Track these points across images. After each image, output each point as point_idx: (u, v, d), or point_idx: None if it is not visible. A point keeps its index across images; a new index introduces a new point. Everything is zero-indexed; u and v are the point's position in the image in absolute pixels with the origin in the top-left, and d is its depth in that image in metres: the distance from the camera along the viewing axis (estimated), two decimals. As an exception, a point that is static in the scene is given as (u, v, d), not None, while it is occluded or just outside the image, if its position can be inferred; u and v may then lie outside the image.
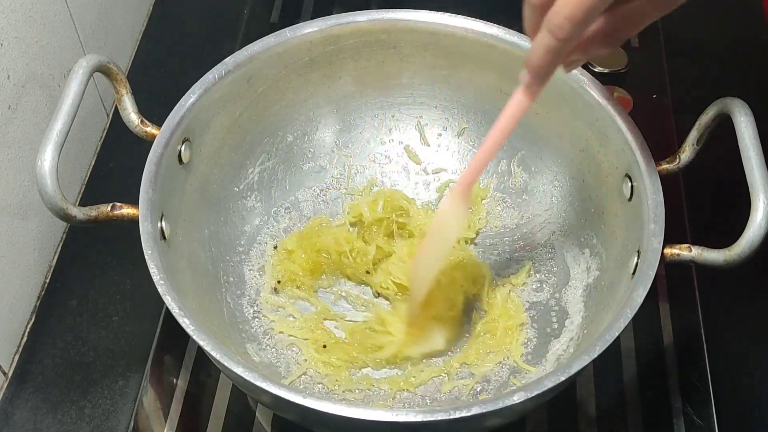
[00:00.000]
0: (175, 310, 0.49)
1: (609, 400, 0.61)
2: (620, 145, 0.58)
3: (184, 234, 0.58)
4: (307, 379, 0.59)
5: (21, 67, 0.62)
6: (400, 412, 0.46)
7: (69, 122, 0.52)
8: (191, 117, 0.58)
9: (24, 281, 0.65)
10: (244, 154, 0.65)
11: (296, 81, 0.65)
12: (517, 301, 0.63)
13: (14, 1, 0.61)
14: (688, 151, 0.56)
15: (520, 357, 0.60)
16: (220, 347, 0.49)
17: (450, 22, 0.63)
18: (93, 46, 0.75)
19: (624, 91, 0.78)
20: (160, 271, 0.51)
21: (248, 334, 0.61)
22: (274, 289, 0.63)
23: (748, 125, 0.52)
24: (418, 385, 0.59)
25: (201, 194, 0.61)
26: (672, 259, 0.53)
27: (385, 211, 0.65)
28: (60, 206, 0.51)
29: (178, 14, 0.88)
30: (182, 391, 0.61)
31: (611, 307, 0.54)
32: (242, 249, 0.65)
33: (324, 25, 0.63)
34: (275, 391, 0.47)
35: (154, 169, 0.55)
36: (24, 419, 0.61)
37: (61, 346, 0.64)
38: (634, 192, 0.56)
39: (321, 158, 0.69)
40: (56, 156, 0.51)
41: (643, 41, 0.82)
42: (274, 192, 0.67)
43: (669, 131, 0.76)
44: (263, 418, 0.61)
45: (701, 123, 0.56)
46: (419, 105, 0.69)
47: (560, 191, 0.66)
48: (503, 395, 0.47)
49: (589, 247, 0.62)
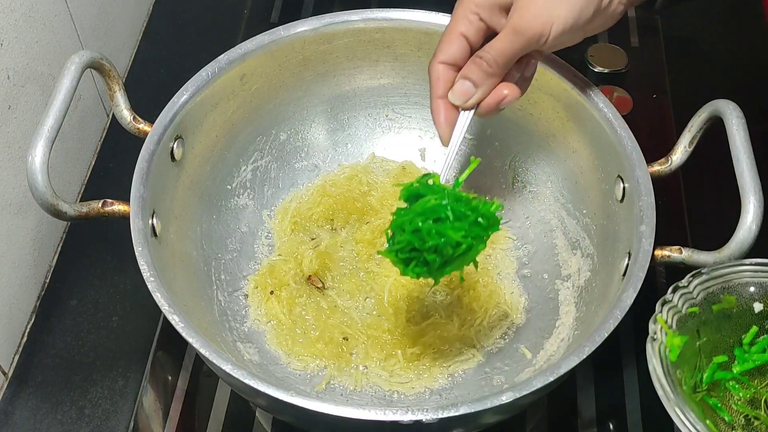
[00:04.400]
0: (165, 307, 0.50)
1: (609, 400, 0.61)
2: (612, 147, 0.57)
3: (176, 231, 0.58)
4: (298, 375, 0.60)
5: (21, 67, 0.63)
6: (389, 412, 0.46)
7: (60, 118, 0.52)
8: (184, 114, 0.58)
9: (24, 281, 0.65)
10: (237, 152, 0.65)
11: (290, 79, 0.65)
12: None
13: (14, 1, 0.61)
14: (680, 153, 0.56)
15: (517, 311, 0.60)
16: (210, 345, 0.49)
17: (444, 21, 0.63)
18: (93, 45, 0.76)
19: (624, 91, 0.78)
20: (150, 267, 0.51)
21: (239, 332, 0.61)
22: (270, 292, 0.63)
23: (739, 127, 0.52)
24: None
25: (193, 192, 0.61)
26: (662, 261, 0.53)
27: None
28: (50, 202, 0.51)
29: (178, 14, 0.88)
30: (182, 391, 0.61)
31: (602, 308, 0.54)
32: (234, 247, 0.65)
33: (318, 24, 0.63)
34: (264, 389, 0.47)
35: (145, 166, 0.55)
36: (24, 419, 0.61)
37: (61, 346, 0.65)
38: (626, 193, 0.56)
39: (314, 156, 0.70)
40: (47, 152, 0.51)
41: (643, 41, 0.82)
42: (266, 190, 0.68)
43: (669, 131, 0.76)
44: (263, 418, 0.61)
45: (693, 125, 0.56)
46: (413, 104, 0.69)
47: (552, 192, 0.66)
48: (492, 395, 0.47)
49: (581, 249, 0.62)
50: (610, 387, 0.62)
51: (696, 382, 0.52)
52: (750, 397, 0.53)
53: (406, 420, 0.46)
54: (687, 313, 0.52)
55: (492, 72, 0.52)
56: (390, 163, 0.70)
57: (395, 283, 0.63)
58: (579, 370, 0.59)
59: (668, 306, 0.51)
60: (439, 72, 0.53)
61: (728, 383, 0.53)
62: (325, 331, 0.61)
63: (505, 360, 0.60)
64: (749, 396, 0.53)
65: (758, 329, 0.54)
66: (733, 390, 0.53)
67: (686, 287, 0.52)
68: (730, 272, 0.52)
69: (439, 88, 0.54)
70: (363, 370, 0.60)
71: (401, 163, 0.70)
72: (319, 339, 0.61)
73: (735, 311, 0.53)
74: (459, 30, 0.52)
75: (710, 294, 0.52)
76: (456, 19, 0.53)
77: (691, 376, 0.52)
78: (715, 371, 0.53)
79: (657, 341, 0.50)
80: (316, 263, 0.64)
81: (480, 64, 0.52)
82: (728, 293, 0.53)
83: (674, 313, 0.51)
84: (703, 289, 0.52)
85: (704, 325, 0.53)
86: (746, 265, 0.53)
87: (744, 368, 0.53)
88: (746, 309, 0.54)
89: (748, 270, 0.53)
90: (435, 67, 0.53)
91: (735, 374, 0.53)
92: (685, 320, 0.51)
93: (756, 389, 0.53)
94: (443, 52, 0.53)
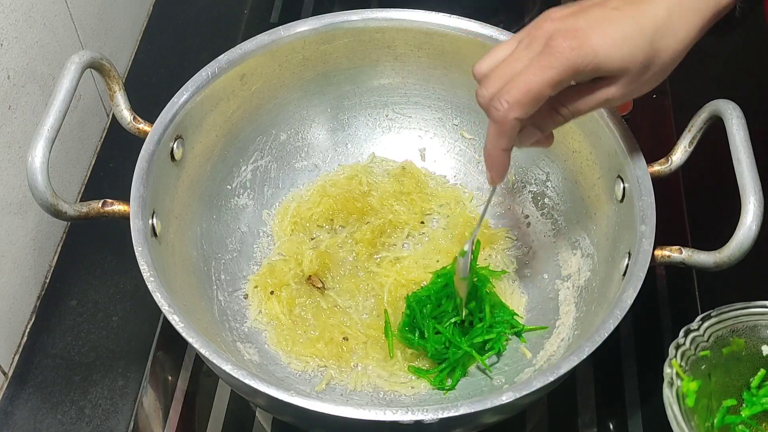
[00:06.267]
0: (165, 307, 0.50)
1: (609, 400, 0.61)
2: (612, 147, 0.57)
3: (176, 231, 0.58)
4: (298, 376, 0.59)
5: (21, 67, 0.63)
6: (389, 412, 0.46)
7: (60, 118, 0.52)
8: (184, 114, 0.58)
9: (24, 281, 0.65)
10: (237, 152, 0.65)
11: (290, 79, 0.65)
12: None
13: (14, 1, 0.61)
14: (680, 153, 0.56)
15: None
16: (210, 345, 0.49)
17: (444, 22, 0.63)
18: (93, 46, 0.76)
19: (624, 91, 0.78)
20: (150, 267, 0.51)
21: (239, 332, 0.61)
22: (271, 292, 0.63)
23: (739, 128, 0.52)
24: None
25: (193, 192, 0.61)
26: (662, 261, 0.53)
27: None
28: (50, 202, 0.51)
29: (178, 14, 0.88)
30: (182, 391, 0.61)
31: (602, 308, 0.54)
32: (234, 247, 0.65)
33: (318, 24, 0.63)
34: (264, 389, 0.47)
35: (145, 165, 0.55)
36: (24, 419, 0.61)
37: (61, 346, 0.65)
38: (626, 193, 0.56)
39: (314, 156, 0.70)
40: (47, 152, 0.51)
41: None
42: (266, 190, 0.68)
43: (669, 131, 0.76)
44: (263, 418, 0.61)
45: (693, 125, 0.56)
46: (413, 104, 0.69)
47: (552, 192, 0.66)
48: (492, 395, 0.47)
49: (581, 249, 0.62)
50: (610, 387, 0.62)
51: (709, 426, 0.52)
52: (758, 441, 0.53)
53: (406, 420, 0.46)
54: (699, 357, 0.52)
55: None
56: (390, 163, 0.70)
57: (395, 283, 0.63)
58: (579, 370, 0.59)
59: (682, 349, 0.51)
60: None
61: (737, 427, 0.53)
62: (325, 331, 0.61)
63: (505, 360, 0.60)
64: (758, 440, 0.53)
65: (766, 372, 0.54)
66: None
67: (697, 330, 0.52)
68: (739, 315, 0.53)
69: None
70: (363, 370, 0.60)
71: (401, 163, 0.70)
72: (319, 339, 0.61)
73: (744, 354, 0.53)
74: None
75: (720, 337, 0.53)
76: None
77: (704, 421, 0.52)
78: (725, 415, 0.53)
79: (674, 386, 0.50)
80: (316, 263, 0.64)
81: (557, 119, 0.49)
82: (737, 336, 0.53)
83: (688, 357, 0.51)
84: (714, 332, 0.52)
85: (715, 369, 0.53)
86: (755, 308, 0.53)
87: (752, 412, 0.53)
88: (755, 352, 0.54)
89: (757, 312, 0.53)
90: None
91: (744, 418, 0.53)
92: (697, 364, 0.52)
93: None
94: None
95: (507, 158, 0.49)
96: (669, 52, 0.46)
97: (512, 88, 0.45)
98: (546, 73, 0.45)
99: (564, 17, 0.46)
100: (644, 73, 0.47)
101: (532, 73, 0.45)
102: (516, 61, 0.46)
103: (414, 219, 0.67)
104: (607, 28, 0.45)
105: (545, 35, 0.46)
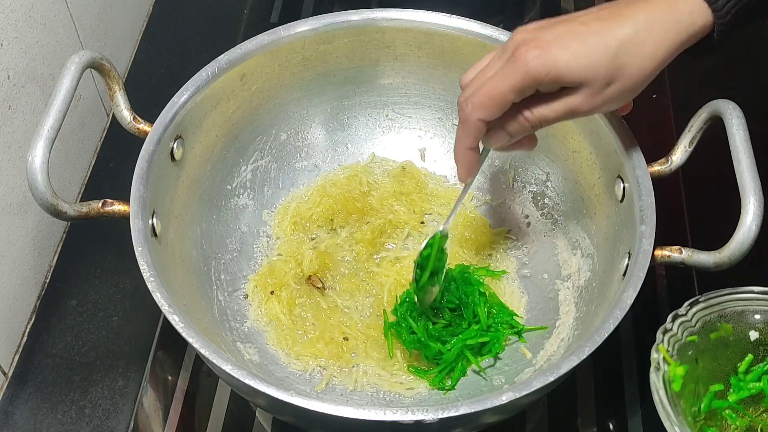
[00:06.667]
0: (165, 307, 0.50)
1: (609, 400, 0.61)
2: (612, 147, 0.57)
3: (176, 231, 0.58)
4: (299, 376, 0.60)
5: (21, 67, 0.63)
6: (389, 412, 0.46)
7: (60, 118, 0.52)
8: (184, 114, 0.58)
9: (24, 281, 0.65)
10: (237, 152, 0.65)
11: (290, 79, 0.65)
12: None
13: (14, 1, 0.61)
14: (680, 153, 0.56)
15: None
16: (210, 345, 0.49)
17: (444, 22, 0.63)
18: (93, 46, 0.76)
19: (624, 91, 0.78)
20: (150, 267, 0.51)
21: (239, 332, 0.61)
22: (271, 292, 0.63)
23: (739, 128, 0.52)
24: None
25: (193, 192, 0.61)
26: (662, 261, 0.53)
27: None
28: (51, 202, 0.51)
29: (178, 14, 0.88)
30: (182, 391, 0.62)
31: (602, 308, 0.54)
32: (234, 247, 0.65)
33: (318, 24, 0.63)
34: (264, 389, 0.47)
35: (145, 165, 0.55)
36: (24, 419, 0.61)
37: (61, 346, 0.65)
38: (626, 193, 0.56)
39: (314, 156, 0.70)
40: (47, 152, 0.51)
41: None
42: (266, 190, 0.68)
43: (669, 131, 0.76)
44: (263, 418, 0.61)
45: (693, 125, 0.56)
46: (413, 104, 0.69)
47: (552, 192, 0.66)
48: (492, 395, 0.47)
49: (581, 248, 0.62)
50: (610, 387, 0.62)
51: (695, 410, 0.52)
52: (746, 426, 0.53)
53: (406, 420, 0.46)
54: (686, 342, 0.52)
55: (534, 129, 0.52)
56: (390, 163, 0.70)
57: (395, 283, 0.63)
58: (579, 370, 0.59)
59: (669, 335, 0.51)
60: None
61: (724, 412, 0.53)
62: (325, 331, 0.61)
63: (505, 360, 0.60)
64: (745, 425, 0.53)
65: (754, 357, 0.54)
66: (730, 419, 0.53)
67: (685, 315, 0.52)
68: (727, 300, 0.53)
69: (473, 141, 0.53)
70: (363, 370, 0.60)
71: (401, 163, 0.70)
72: (319, 339, 0.61)
73: (732, 339, 0.54)
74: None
75: (708, 322, 0.53)
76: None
77: (690, 405, 0.52)
78: (712, 400, 0.53)
79: (660, 371, 0.50)
80: (316, 263, 0.64)
81: (524, 124, 0.51)
82: (725, 321, 0.53)
83: (675, 342, 0.51)
84: (702, 317, 0.52)
85: (702, 354, 0.53)
86: (742, 293, 0.53)
87: (739, 397, 0.54)
88: (742, 337, 0.54)
89: (744, 298, 0.53)
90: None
91: (731, 403, 0.53)
92: (685, 349, 0.52)
93: (752, 418, 0.53)
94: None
95: (473, 156, 0.53)
96: (634, 69, 0.48)
97: (478, 92, 0.50)
98: (508, 79, 0.48)
99: (534, 30, 0.50)
100: (607, 86, 0.49)
101: (496, 79, 0.49)
102: (489, 69, 0.51)
103: (414, 219, 0.67)
104: (571, 41, 0.48)
105: (514, 46, 0.49)
